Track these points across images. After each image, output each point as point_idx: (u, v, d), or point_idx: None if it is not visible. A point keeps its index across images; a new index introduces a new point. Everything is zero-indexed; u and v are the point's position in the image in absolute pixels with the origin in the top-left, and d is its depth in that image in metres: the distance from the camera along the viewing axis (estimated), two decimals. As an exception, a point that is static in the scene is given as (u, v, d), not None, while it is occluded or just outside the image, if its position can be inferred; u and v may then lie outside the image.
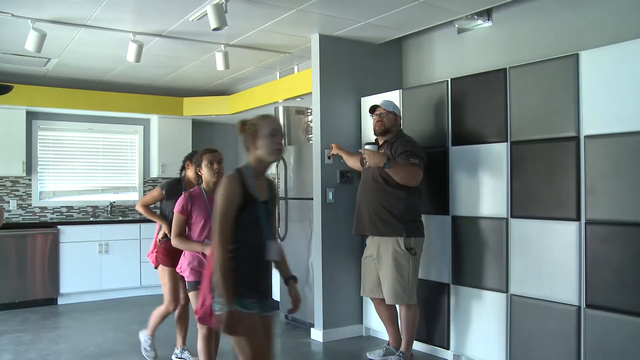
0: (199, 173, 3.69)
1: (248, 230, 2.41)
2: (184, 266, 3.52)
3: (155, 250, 4.17)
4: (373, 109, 4.09)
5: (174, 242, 3.47)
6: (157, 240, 4.19)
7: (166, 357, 4.32)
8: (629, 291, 3.04)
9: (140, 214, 4.73)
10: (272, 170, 6.10)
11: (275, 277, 2.64)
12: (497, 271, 3.75)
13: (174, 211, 3.47)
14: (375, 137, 4.10)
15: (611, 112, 3.17)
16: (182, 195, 3.49)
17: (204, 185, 3.56)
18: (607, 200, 3.17)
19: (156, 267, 4.17)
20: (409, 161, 3.78)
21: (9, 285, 6.08)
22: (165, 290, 4.10)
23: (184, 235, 3.49)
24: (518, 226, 3.64)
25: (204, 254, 3.40)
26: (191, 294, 3.49)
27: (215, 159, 3.51)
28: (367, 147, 3.91)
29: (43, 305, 6.26)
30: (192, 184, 4.03)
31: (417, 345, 4.31)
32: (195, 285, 3.38)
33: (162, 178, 7.69)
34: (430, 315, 4.22)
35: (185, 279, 3.52)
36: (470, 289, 3.95)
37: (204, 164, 3.50)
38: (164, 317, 4.17)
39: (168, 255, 4.01)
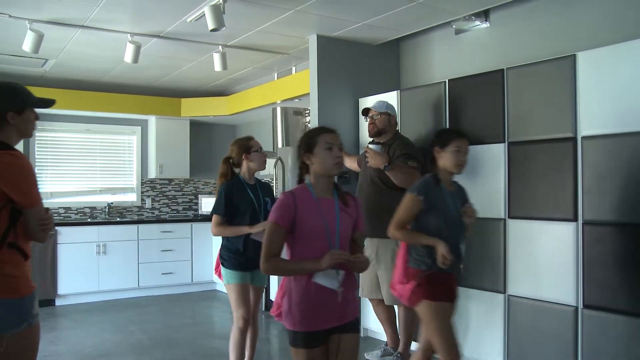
0: (247, 160, 3.33)
1: None
2: (283, 306, 2.35)
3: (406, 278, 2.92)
4: (366, 112, 4.10)
5: (267, 267, 2.28)
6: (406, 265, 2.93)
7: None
8: (626, 291, 3.04)
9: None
10: (269, 172, 6.11)
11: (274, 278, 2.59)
12: (494, 272, 3.75)
13: (269, 220, 2.30)
14: (372, 139, 4.10)
15: (608, 113, 3.17)
16: (282, 196, 2.32)
17: (310, 179, 2.39)
18: (604, 200, 3.17)
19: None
20: (407, 164, 3.79)
21: (6, 286, 6.06)
22: (439, 336, 2.82)
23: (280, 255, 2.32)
24: (515, 227, 3.65)
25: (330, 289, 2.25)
26: (299, 354, 2.28)
27: (336, 143, 2.36)
28: (371, 146, 3.92)
29: (41, 307, 6.12)
30: (449, 174, 2.94)
31: (415, 346, 4.31)
32: (307, 340, 2.26)
33: (160, 179, 7.70)
34: (428, 315, 4.22)
35: (289, 327, 2.30)
36: (468, 290, 3.95)
37: (320, 147, 2.33)
38: None
39: (432, 284, 2.80)
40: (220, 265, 3.59)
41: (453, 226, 2.87)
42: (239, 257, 3.49)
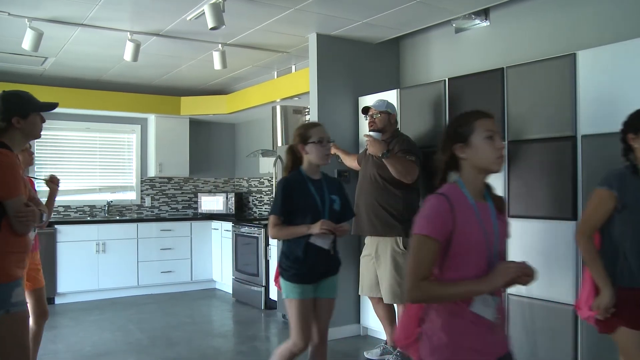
0: (303, 152, 2.88)
1: None
2: (430, 339, 1.82)
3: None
4: (365, 110, 4.11)
5: (417, 296, 1.77)
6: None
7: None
8: (626, 290, 3.04)
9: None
10: (269, 170, 6.11)
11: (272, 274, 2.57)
12: (494, 271, 3.75)
13: (416, 232, 1.79)
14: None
15: (608, 112, 3.16)
16: (433, 200, 1.82)
17: (461, 177, 1.93)
18: (604, 199, 3.17)
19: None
20: (406, 159, 3.80)
21: (5, 284, 6.06)
22: None
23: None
24: (515, 226, 3.60)
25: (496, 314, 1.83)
26: None
27: (497, 130, 1.92)
28: (371, 133, 3.93)
29: (40, 305, 6.24)
30: None
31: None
32: None
33: (160, 178, 7.70)
34: (427, 314, 4.22)
35: None
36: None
37: (478, 136, 1.87)
38: None
39: (631, 305, 2.33)
40: (280, 276, 3.09)
41: None
42: (300, 266, 2.97)
